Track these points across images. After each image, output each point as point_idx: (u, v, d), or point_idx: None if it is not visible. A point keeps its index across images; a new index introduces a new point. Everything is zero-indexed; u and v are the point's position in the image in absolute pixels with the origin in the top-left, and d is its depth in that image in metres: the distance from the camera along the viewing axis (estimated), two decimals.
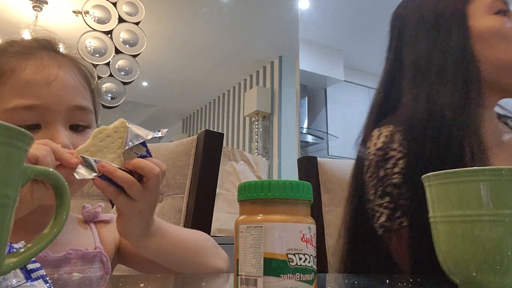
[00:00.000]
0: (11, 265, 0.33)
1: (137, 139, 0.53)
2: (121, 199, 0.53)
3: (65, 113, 0.61)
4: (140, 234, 0.59)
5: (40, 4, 2.98)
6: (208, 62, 4.17)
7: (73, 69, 0.66)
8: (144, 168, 0.53)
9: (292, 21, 3.57)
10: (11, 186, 0.31)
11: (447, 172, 0.43)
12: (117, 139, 0.53)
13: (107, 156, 0.52)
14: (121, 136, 0.53)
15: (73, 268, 0.64)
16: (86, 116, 0.65)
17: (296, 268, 0.35)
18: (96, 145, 0.52)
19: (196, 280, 0.60)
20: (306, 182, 0.38)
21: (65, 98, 0.62)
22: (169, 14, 3.49)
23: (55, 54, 0.66)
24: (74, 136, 0.62)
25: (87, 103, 0.66)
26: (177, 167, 0.99)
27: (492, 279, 0.40)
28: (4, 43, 0.67)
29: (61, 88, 0.62)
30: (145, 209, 0.56)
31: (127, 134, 0.53)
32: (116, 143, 0.53)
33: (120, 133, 0.53)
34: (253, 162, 2.39)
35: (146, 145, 0.55)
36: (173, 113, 5.89)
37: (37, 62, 0.62)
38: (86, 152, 0.52)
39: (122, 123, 0.54)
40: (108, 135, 0.53)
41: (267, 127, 3.97)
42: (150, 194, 0.54)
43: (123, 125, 0.54)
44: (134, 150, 0.54)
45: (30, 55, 0.62)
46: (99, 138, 0.53)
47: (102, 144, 0.53)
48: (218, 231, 2.12)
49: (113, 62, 3.01)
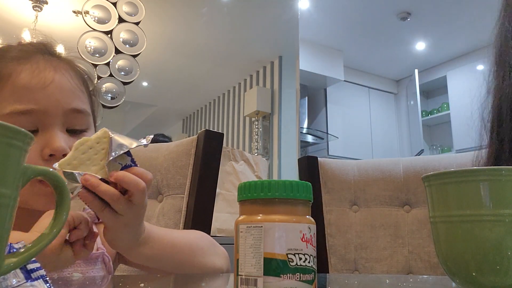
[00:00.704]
0: (11, 265, 0.33)
1: (121, 149, 0.52)
2: (106, 214, 0.52)
3: (62, 116, 0.62)
4: (129, 245, 0.58)
5: (40, 4, 2.98)
6: (208, 62, 4.16)
7: (69, 72, 0.66)
8: (129, 184, 0.51)
9: (292, 21, 3.57)
10: (11, 186, 0.31)
11: (447, 172, 0.43)
12: (100, 150, 0.52)
13: (91, 169, 0.51)
14: (104, 146, 0.52)
15: (77, 268, 0.64)
16: (83, 119, 0.65)
17: (296, 268, 0.35)
18: (78, 157, 0.51)
19: (196, 280, 0.60)
20: (306, 182, 0.38)
21: (61, 102, 0.62)
22: (169, 14, 3.49)
23: (51, 57, 0.66)
24: (71, 139, 0.62)
25: (84, 106, 0.66)
26: (177, 167, 0.99)
27: (492, 279, 0.40)
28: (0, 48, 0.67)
29: (57, 91, 0.62)
30: (131, 222, 0.55)
31: (111, 144, 0.51)
32: (99, 155, 0.51)
33: (103, 143, 0.52)
34: (253, 162, 2.38)
35: (130, 154, 0.53)
36: (173, 113, 5.88)
37: (33, 67, 0.62)
38: (68, 166, 0.50)
39: (104, 133, 0.52)
40: (90, 147, 0.51)
41: (267, 127, 3.97)
42: (136, 208, 0.53)
43: (105, 135, 0.52)
44: (118, 160, 0.52)
45: (26, 60, 0.63)
46: (80, 150, 0.51)
47: (84, 157, 0.51)
48: (218, 231, 2.12)
49: (113, 62, 3.00)
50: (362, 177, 1.13)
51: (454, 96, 4.88)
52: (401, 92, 5.58)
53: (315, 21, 4.09)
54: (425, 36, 4.50)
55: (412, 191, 1.09)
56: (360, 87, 5.34)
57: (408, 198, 1.09)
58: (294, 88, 3.75)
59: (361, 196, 1.13)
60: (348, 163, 1.18)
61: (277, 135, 3.87)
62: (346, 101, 5.16)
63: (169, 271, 0.66)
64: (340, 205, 1.13)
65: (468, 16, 4.01)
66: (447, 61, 5.02)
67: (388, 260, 1.05)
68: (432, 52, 4.83)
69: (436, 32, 4.39)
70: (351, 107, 5.19)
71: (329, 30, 4.41)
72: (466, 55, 4.80)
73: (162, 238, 0.64)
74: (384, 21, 4.13)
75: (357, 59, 5.02)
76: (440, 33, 4.41)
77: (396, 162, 1.13)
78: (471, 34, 4.40)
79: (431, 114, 5.37)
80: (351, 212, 1.13)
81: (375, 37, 4.49)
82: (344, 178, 1.14)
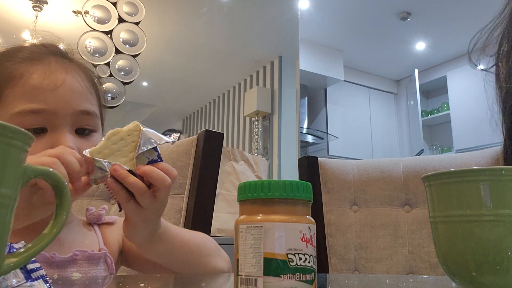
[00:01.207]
0: (11, 265, 0.33)
1: (151, 144, 0.53)
2: (130, 205, 0.53)
3: (71, 117, 0.62)
4: (145, 239, 0.59)
5: (40, 4, 2.97)
6: (208, 62, 4.16)
7: (80, 74, 0.67)
8: (156, 179, 0.53)
9: (292, 21, 3.57)
10: (11, 185, 0.31)
11: (447, 172, 0.43)
12: (130, 143, 0.53)
13: (119, 160, 0.52)
14: (134, 139, 0.53)
15: (79, 269, 0.64)
16: (92, 120, 0.66)
17: (296, 268, 0.35)
18: (109, 147, 0.52)
19: (196, 280, 0.60)
20: (306, 182, 0.38)
21: (71, 103, 0.63)
22: (169, 14, 3.49)
23: (63, 59, 0.67)
24: (80, 140, 0.63)
25: (93, 107, 0.67)
26: (177, 167, 0.99)
27: (492, 279, 0.40)
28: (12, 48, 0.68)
29: (68, 93, 0.63)
30: (152, 217, 0.57)
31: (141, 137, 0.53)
32: (129, 147, 0.53)
33: (134, 136, 0.53)
34: (253, 162, 2.38)
35: (157, 150, 0.54)
36: (173, 113, 5.88)
37: (45, 68, 0.63)
38: (98, 154, 0.51)
39: (136, 126, 0.54)
40: (121, 138, 0.53)
41: (267, 127, 3.97)
42: (159, 203, 0.55)
43: (137, 128, 0.53)
44: (146, 154, 0.53)
45: (38, 61, 0.64)
46: (112, 141, 0.52)
47: (115, 147, 0.52)
48: (218, 231, 2.12)
49: (113, 62, 3.00)
50: (362, 177, 1.13)
51: (454, 96, 4.89)
52: (401, 92, 5.58)
53: (315, 21, 4.09)
54: (425, 36, 4.50)
55: (412, 191, 1.09)
56: (360, 87, 5.34)
57: (408, 198, 1.09)
58: (294, 88, 3.75)
59: (361, 196, 1.13)
60: (348, 163, 1.18)
61: (277, 135, 3.87)
62: (346, 101, 5.16)
63: (174, 269, 0.67)
64: (340, 205, 1.13)
65: (468, 16, 4.01)
66: (447, 61, 5.02)
67: (388, 260, 1.05)
68: (432, 52, 4.83)
69: (436, 32, 4.39)
70: (351, 107, 5.20)
71: (329, 30, 4.41)
72: (466, 55, 4.80)
73: (175, 235, 0.65)
74: (384, 21, 4.14)
75: (357, 59, 5.02)
76: (440, 33, 4.41)
77: (396, 162, 1.13)
78: (471, 34, 4.39)
79: (431, 114, 5.37)
80: (351, 212, 1.13)
81: (375, 37, 4.49)
82: (344, 178, 1.14)
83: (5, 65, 0.63)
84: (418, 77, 4.91)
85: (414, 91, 4.90)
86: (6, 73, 0.62)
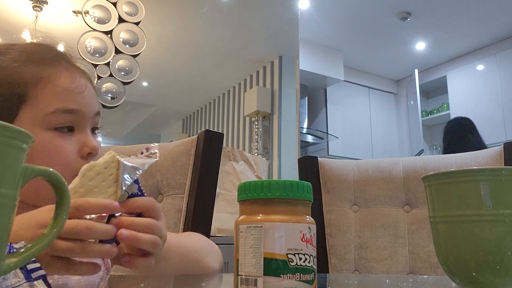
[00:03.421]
0: (11, 265, 0.33)
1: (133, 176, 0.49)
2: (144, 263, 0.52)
3: (91, 118, 0.69)
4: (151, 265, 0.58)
5: (40, 4, 2.97)
6: (208, 62, 4.16)
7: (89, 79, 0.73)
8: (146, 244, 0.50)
9: (292, 21, 3.56)
10: (11, 185, 0.31)
11: (447, 172, 0.43)
12: (108, 177, 0.48)
13: (98, 197, 0.47)
14: (111, 172, 0.48)
15: None
16: (99, 120, 0.72)
17: (296, 268, 0.35)
18: (86, 185, 0.47)
19: (196, 280, 0.60)
20: (306, 182, 0.38)
21: (92, 105, 0.69)
22: (169, 14, 3.49)
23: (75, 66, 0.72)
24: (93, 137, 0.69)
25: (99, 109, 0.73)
26: (177, 167, 0.99)
27: (492, 279, 0.40)
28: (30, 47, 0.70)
29: (89, 96, 0.69)
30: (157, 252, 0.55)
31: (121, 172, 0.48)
32: (107, 181, 0.48)
33: (111, 169, 0.48)
34: (253, 162, 2.38)
35: (138, 181, 0.50)
36: (173, 113, 5.88)
37: (67, 72, 0.68)
38: (74, 194, 0.46)
39: (112, 157, 0.49)
40: (98, 172, 0.48)
41: (267, 127, 3.97)
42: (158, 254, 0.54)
43: (113, 159, 0.48)
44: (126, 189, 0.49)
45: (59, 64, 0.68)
46: (88, 177, 0.47)
47: (91, 184, 0.47)
48: (218, 231, 2.12)
49: (113, 62, 3.00)
50: (362, 177, 1.13)
51: (454, 96, 4.89)
52: (401, 92, 5.58)
53: (315, 21, 4.09)
54: (425, 36, 4.50)
55: (412, 191, 1.09)
56: (360, 87, 5.34)
57: (408, 198, 1.09)
58: (294, 88, 3.75)
59: (361, 196, 1.13)
60: (348, 163, 1.18)
61: (277, 135, 3.87)
62: (346, 101, 5.16)
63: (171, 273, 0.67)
64: (340, 205, 1.13)
65: (468, 16, 4.01)
66: (447, 61, 5.02)
67: (388, 260, 1.05)
68: (432, 52, 4.83)
69: (436, 32, 4.39)
70: (351, 107, 5.20)
71: (329, 30, 4.41)
72: (466, 55, 4.81)
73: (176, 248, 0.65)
74: (384, 21, 4.14)
75: (357, 59, 5.02)
76: (440, 33, 4.41)
77: (396, 162, 1.13)
78: (471, 34, 4.40)
79: (431, 114, 5.37)
80: (351, 212, 1.13)
81: (375, 37, 4.49)
82: (344, 178, 1.14)
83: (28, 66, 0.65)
84: (418, 77, 4.91)
85: (414, 91, 4.90)
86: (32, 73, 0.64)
